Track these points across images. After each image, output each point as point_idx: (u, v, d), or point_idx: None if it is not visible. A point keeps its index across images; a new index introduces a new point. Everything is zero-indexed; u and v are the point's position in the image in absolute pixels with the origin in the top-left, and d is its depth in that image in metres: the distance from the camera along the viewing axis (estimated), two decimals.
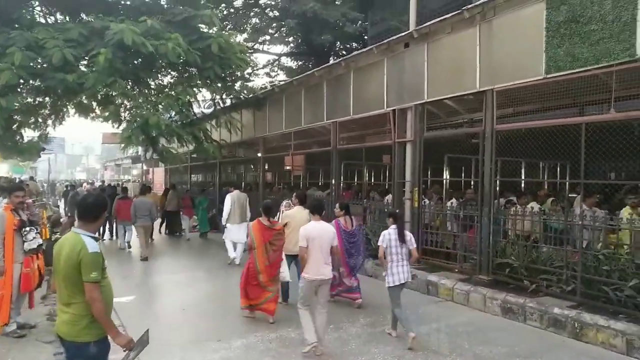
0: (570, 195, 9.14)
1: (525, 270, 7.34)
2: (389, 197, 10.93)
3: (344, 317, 6.91)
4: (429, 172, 11.98)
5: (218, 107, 15.97)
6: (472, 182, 10.66)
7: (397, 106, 9.77)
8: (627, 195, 7.98)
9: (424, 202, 9.93)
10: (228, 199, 11.00)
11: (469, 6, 7.97)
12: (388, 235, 6.06)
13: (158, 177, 29.86)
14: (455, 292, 7.80)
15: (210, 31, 12.83)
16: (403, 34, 9.65)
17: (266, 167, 18.14)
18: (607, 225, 6.79)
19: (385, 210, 9.79)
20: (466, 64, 8.22)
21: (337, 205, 7.76)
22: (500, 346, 5.81)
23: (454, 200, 10.01)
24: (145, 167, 33.87)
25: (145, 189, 13.95)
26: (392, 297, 6.09)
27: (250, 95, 15.43)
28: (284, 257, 7.08)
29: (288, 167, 18.88)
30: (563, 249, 6.93)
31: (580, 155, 6.60)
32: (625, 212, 7.01)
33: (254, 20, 22.02)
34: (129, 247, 13.10)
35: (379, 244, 6.16)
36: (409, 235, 6.21)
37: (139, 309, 7.58)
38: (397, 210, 6.64)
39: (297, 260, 6.86)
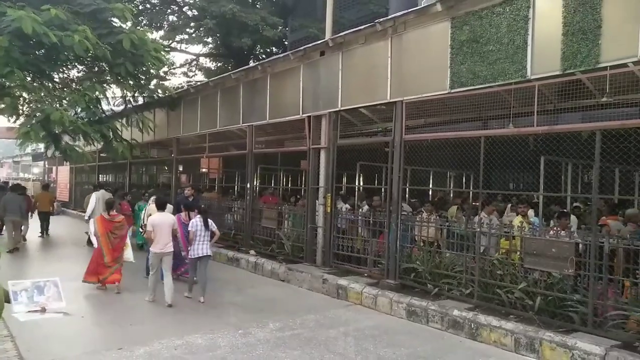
0: (474, 204, 9.73)
1: (429, 275, 7.70)
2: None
3: (253, 322, 6.86)
4: (345, 179, 12.28)
5: (129, 105, 15.27)
6: (382, 189, 11.02)
7: (312, 113, 9.89)
8: (518, 205, 8.62)
9: (345, 207, 10.13)
10: (93, 197, 12.55)
11: (382, 19, 8.25)
12: (196, 223, 8.01)
13: (62, 175, 28.03)
14: (363, 296, 8.00)
15: (123, 26, 12.28)
16: (319, 42, 9.82)
17: (180, 168, 17.64)
18: (501, 233, 7.30)
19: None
20: (378, 75, 8.50)
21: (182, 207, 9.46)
22: (403, 348, 6.04)
23: (366, 206, 10.28)
24: (47, 165, 31.61)
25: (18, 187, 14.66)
26: (191, 265, 8.22)
27: (164, 95, 14.90)
28: (129, 243, 8.87)
29: (204, 169, 18.47)
30: (463, 254, 7.35)
31: (481, 167, 7.04)
32: (516, 220, 7.57)
33: (171, 17, 21.38)
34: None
35: (189, 229, 8.04)
36: (210, 222, 8.15)
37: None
38: (202, 206, 8.61)
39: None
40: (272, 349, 5.85)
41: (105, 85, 13.21)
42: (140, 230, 10.31)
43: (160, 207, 8.18)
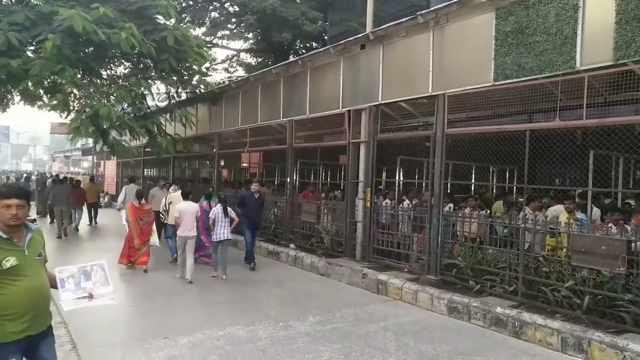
0: (519, 199, 9.48)
1: (471, 271, 7.57)
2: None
3: (293, 315, 6.93)
4: (384, 173, 12.18)
5: (173, 101, 15.63)
6: (424, 184, 10.90)
7: (352, 107, 9.86)
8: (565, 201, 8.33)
9: (386, 202, 10.08)
10: (124, 190, 13.60)
11: (423, 12, 8.12)
12: (217, 210, 9.07)
13: (110, 169, 29.00)
14: (404, 291, 7.95)
15: (167, 23, 12.55)
16: (359, 35, 9.76)
17: (222, 163, 17.95)
18: (547, 229, 7.09)
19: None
20: (419, 68, 8.39)
21: (203, 195, 10.61)
22: (444, 344, 5.97)
23: (407, 201, 10.19)
24: (96, 160, 32.78)
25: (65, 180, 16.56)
26: (213, 248, 9.28)
27: (206, 90, 15.18)
28: (154, 228, 10.01)
29: (244, 164, 18.73)
30: (507, 250, 7.18)
31: (526, 161, 6.85)
32: (562, 217, 7.33)
33: (212, 14, 21.69)
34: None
35: (209, 216, 9.13)
36: (229, 210, 9.18)
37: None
38: (223, 195, 10.31)
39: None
40: (312, 342, 5.89)
41: (150, 81, 13.51)
42: (162, 216, 10.85)
43: (185, 196, 9.35)
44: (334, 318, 6.89)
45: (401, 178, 10.97)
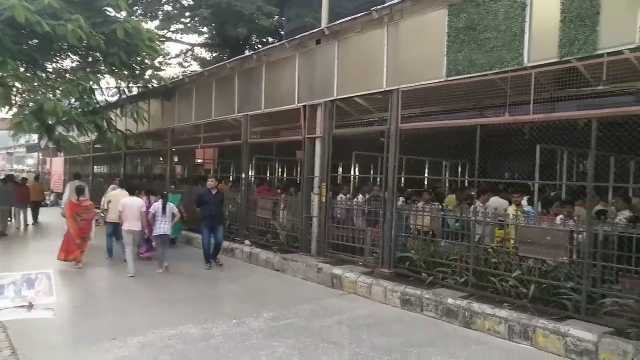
0: (472, 193, 9.69)
1: (424, 264, 7.70)
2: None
3: (247, 312, 6.84)
4: (341, 169, 12.24)
5: (124, 96, 15.17)
6: (378, 179, 10.99)
7: (308, 102, 9.84)
8: (513, 194, 8.60)
9: (341, 197, 10.10)
10: (68, 187, 13.40)
11: (378, 7, 8.18)
12: (157, 206, 9.39)
13: (57, 167, 27.84)
14: (358, 285, 7.99)
15: (117, 16, 12.15)
16: (315, 30, 9.74)
17: (176, 159, 17.56)
18: (496, 222, 7.29)
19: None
20: (374, 64, 8.44)
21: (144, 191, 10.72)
22: (397, 336, 6.04)
23: (361, 196, 10.26)
24: (42, 157, 31.42)
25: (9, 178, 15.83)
26: (157, 242, 9.46)
27: (159, 85, 14.80)
28: (93, 225, 9.95)
29: (199, 160, 18.38)
30: (458, 243, 7.34)
31: (477, 156, 7.02)
32: (510, 209, 7.56)
33: (166, 7, 21.20)
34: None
35: (150, 210, 9.33)
36: (170, 206, 9.48)
37: None
38: (165, 192, 10.23)
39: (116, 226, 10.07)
40: (266, 339, 5.83)
41: (99, 75, 13.11)
42: (102, 215, 10.81)
43: (131, 192, 9.95)
44: (289, 314, 6.85)
45: (357, 173, 11.04)
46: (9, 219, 14.86)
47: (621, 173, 8.94)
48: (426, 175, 12.46)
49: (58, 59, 13.48)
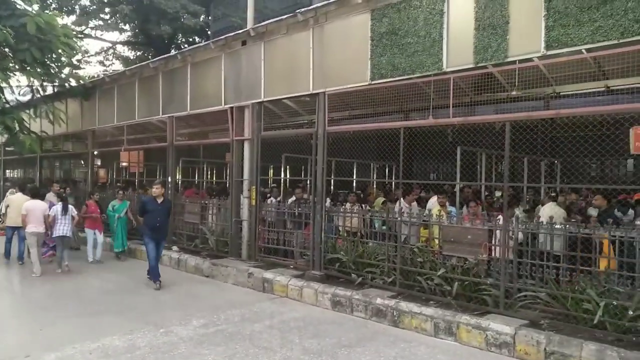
0: (395, 193, 9.95)
1: (353, 265, 7.80)
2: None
3: (175, 320, 6.62)
4: (271, 171, 12.16)
5: (37, 95, 14.21)
6: (309, 181, 11.04)
7: (235, 104, 9.68)
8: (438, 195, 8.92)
9: (271, 200, 10.01)
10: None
11: (303, 10, 8.19)
12: (56, 209, 9.70)
13: None
14: (289, 288, 7.97)
15: (28, 9, 11.34)
16: (240, 31, 9.60)
17: (98, 162, 16.72)
18: (421, 222, 7.52)
19: None
20: (301, 66, 8.44)
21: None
22: (328, 338, 6.06)
23: (293, 197, 10.24)
24: None
25: None
26: (58, 243, 9.74)
27: (77, 84, 13.99)
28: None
29: (124, 163, 17.61)
30: (385, 243, 7.49)
31: (400, 157, 7.20)
32: (435, 210, 7.82)
33: (83, 1, 20.11)
34: None
35: (49, 213, 9.59)
36: (70, 208, 9.87)
37: None
38: (65, 194, 10.80)
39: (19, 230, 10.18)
40: (195, 347, 5.67)
41: (8, 72, 12.17)
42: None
43: (34, 195, 10.02)
44: (219, 320, 6.70)
45: (287, 175, 11.01)
46: None
47: (532, 173, 9.53)
48: (354, 177, 12.65)
49: None
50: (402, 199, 8.16)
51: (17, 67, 12.19)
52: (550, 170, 10.67)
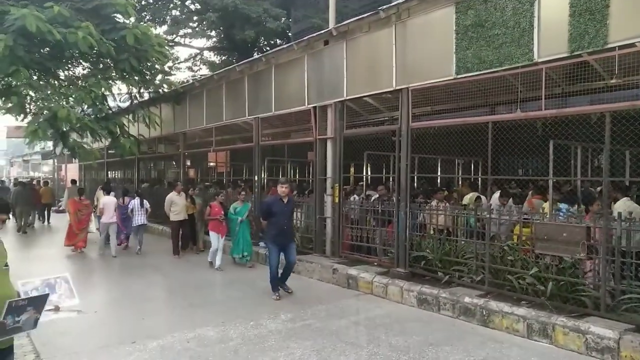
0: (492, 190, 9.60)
1: (439, 263, 7.67)
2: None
3: (264, 314, 6.88)
4: (352, 169, 12.23)
5: (135, 101, 15.31)
6: (390, 178, 10.98)
7: (317, 103, 9.85)
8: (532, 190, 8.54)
9: (354, 197, 10.07)
10: (66, 191, 17.04)
11: (385, 7, 8.16)
12: (135, 202, 12.04)
13: (71, 173, 28.17)
14: (374, 285, 8.00)
15: (126, 22, 12.26)
16: (322, 31, 9.74)
17: (188, 163, 17.70)
18: (511, 219, 7.23)
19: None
20: (383, 63, 8.43)
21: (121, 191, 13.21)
22: (415, 336, 6.03)
23: (376, 195, 10.24)
24: (57, 163, 31.80)
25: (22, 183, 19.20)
26: (135, 231, 12.28)
27: (170, 89, 14.91)
28: (93, 218, 12.78)
29: (212, 163, 18.50)
30: (474, 241, 7.30)
31: (489, 152, 6.98)
32: (526, 206, 7.49)
33: (173, 12, 21.35)
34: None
35: (129, 206, 12.07)
36: (145, 202, 12.14)
37: None
38: (139, 191, 13.24)
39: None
40: (284, 340, 5.86)
41: (110, 81, 13.21)
42: (98, 214, 12.31)
43: (108, 192, 12.55)
44: (305, 315, 6.87)
45: (369, 173, 11.02)
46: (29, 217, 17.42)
47: (638, 167, 8.82)
48: (439, 173, 12.40)
49: (69, 66, 13.64)
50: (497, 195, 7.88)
51: (117, 76, 13.21)
52: None
